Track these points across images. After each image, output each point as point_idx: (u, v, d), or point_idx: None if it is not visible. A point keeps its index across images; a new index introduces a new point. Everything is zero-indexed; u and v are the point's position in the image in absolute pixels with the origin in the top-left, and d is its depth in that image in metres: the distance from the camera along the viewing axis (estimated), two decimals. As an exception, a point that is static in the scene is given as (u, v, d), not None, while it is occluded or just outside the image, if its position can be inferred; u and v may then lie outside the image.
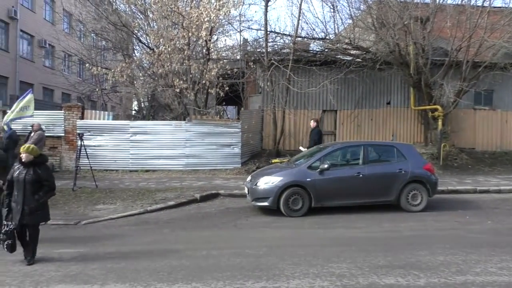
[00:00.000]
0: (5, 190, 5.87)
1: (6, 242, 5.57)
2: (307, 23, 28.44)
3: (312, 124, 12.76)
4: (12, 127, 12.49)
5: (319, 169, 8.95)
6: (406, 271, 5.30)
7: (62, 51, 24.49)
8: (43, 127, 13.03)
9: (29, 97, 12.61)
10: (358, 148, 9.71)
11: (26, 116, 12.63)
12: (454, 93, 14.88)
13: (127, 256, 6.10)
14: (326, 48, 17.07)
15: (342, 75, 15.66)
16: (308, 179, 8.91)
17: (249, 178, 9.84)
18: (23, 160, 5.75)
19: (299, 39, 16.60)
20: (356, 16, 16.60)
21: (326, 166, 8.94)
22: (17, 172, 5.77)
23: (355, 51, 16.61)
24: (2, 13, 23.10)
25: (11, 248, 5.60)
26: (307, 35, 16.89)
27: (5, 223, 5.68)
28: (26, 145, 5.89)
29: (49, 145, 14.04)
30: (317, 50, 17.61)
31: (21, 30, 25.00)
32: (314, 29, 16.79)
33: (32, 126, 12.75)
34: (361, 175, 9.07)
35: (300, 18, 15.63)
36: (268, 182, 8.99)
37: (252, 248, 6.41)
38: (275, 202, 8.80)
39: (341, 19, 18.76)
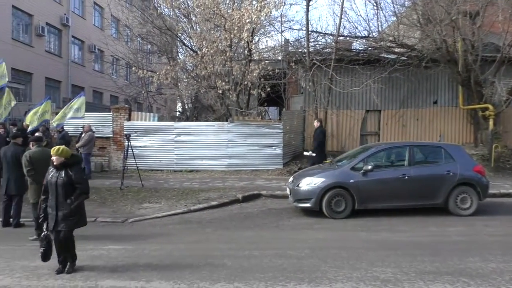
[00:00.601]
0: (42, 194, 5.58)
1: (40, 250, 5.33)
2: (349, 21, 28.07)
3: (316, 124, 12.57)
4: (64, 128, 13.16)
5: (362, 170, 8.77)
6: (455, 278, 5.08)
7: (110, 55, 25.49)
8: (93, 128, 13.64)
9: (81, 99, 13.23)
10: (403, 149, 9.43)
11: (77, 117, 13.24)
12: (506, 91, 14.10)
13: (171, 255, 6.25)
14: (369, 47, 16.71)
15: (386, 74, 15.26)
16: (351, 181, 8.75)
17: (291, 179, 9.81)
18: (54, 163, 5.42)
19: (341, 38, 16.36)
20: (401, 13, 16.15)
21: (370, 167, 8.75)
22: (50, 175, 5.45)
23: (399, 49, 16.15)
24: (56, 21, 24.39)
25: (44, 256, 5.32)
26: (350, 34, 16.65)
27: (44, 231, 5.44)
28: (56, 147, 5.53)
29: (99, 145, 14.65)
30: (360, 49, 17.27)
31: (73, 36, 26.30)
32: (356, 28, 16.57)
33: (83, 127, 13.38)
34: (406, 177, 8.80)
35: (342, 16, 15.47)
36: (310, 183, 8.92)
37: (294, 250, 6.39)
38: (317, 204, 8.72)
39: (385, 17, 18.42)
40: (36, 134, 8.86)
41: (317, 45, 16.62)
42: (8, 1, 20.30)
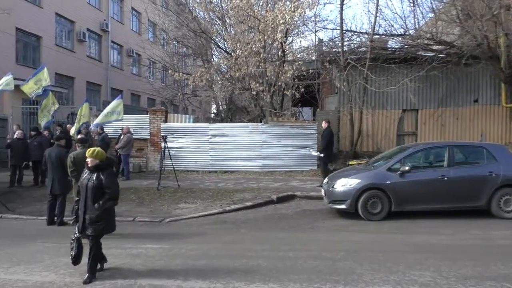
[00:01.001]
0: (76, 196, 5.55)
1: (71, 252, 5.23)
2: (384, 19, 27.59)
3: (324, 124, 12.24)
4: (104, 130, 13.61)
5: (399, 172, 8.59)
6: (499, 284, 4.89)
7: (147, 58, 26.24)
8: (131, 130, 14.03)
9: (118, 102, 13.64)
10: (442, 149, 9.16)
11: (116, 120, 13.66)
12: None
13: (207, 254, 6.35)
14: (406, 45, 16.30)
15: (424, 72, 14.82)
16: (387, 182, 8.59)
17: (325, 180, 9.73)
18: (88, 165, 5.31)
19: (377, 36, 16.08)
20: (439, 9, 15.66)
21: (407, 168, 8.55)
22: (83, 177, 5.38)
23: (437, 46, 15.67)
24: (96, 27, 25.31)
25: (74, 260, 5.21)
26: (385, 32, 16.32)
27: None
28: (92, 148, 5.42)
29: (137, 147, 15.05)
30: (396, 47, 16.88)
31: (112, 41, 27.22)
32: (392, 26, 16.30)
33: (121, 129, 13.80)
34: (445, 178, 8.54)
35: (378, 14, 15.19)
36: (345, 184, 8.81)
37: (329, 251, 6.34)
38: (353, 205, 8.61)
39: (422, 13, 17.91)
40: (79, 136, 9.22)
41: (352, 44, 16.41)
42: (52, 9, 21.25)
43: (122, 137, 13.60)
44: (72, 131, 13.23)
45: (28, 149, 12.24)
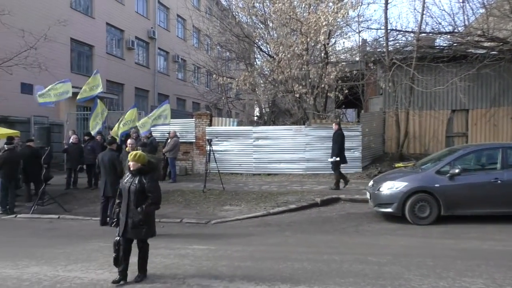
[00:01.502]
0: (116, 198, 5.56)
1: (113, 255, 5.34)
2: (432, 17, 26.49)
3: (335, 127, 11.95)
4: (152, 134, 14.09)
5: (449, 174, 8.31)
6: (558, 293, 4.65)
7: (192, 64, 26.91)
8: (177, 134, 14.45)
9: (165, 106, 14.08)
10: (495, 150, 8.77)
11: (163, 124, 14.10)
12: None
13: (252, 256, 6.46)
14: (455, 43, 15.68)
15: (475, 71, 14.19)
16: (436, 185, 8.33)
17: (371, 182, 9.58)
18: (131, 169, 5.30)
19: (423, 35, 15.59)
20: (490, 4, 14.97)
21: (457, 171, 8.26)
22: (125, 180, 5.38)
23: (489, 43, 14.95)
24: (144, 34, 26.30)
25: (114, 262, 5.33)
26: (433, 30, 15.76)
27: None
28: (134, 152, 5.43)
29: (183, 150, 15.47)
30: (444, 45, 16.29)
31: (159, 48, 28.16)
32: (440, 23, 15.54)
33: (168, 133, 14.25)
34: (499, 181, 8.17)
35: (424, 12, 14.69)
36: (391, 187, 8.63)
37: (375, 256, 6.26)
38: (400, 209, 8.41)
39: (472, 9, 17.12)
40: (129, 140, 9.62)
41: (397, 44, 16.01)
42: (103, 20, 22.32)
43: (169, 140, 14.03)
44: (113, 133, 13.63)
45: (83, 153, 12.93)
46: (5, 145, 10.66)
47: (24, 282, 5.44)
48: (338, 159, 11.63)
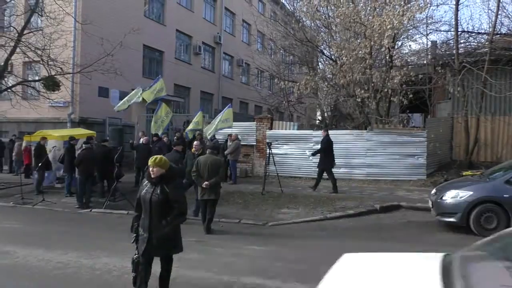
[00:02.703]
0: (135, 211, 4.86)
1: (132, 274, 4.75)
2: (508, 17, 24.80)
3: (323, 133, 12.58)
4: (215, 136, 14.64)
5: (520, 185, 7.84)
6: None
7: (255, 68, 27.44)
8: (239, 136, 14.86)
9: (229, 110, 14.56)
10: None
11: (226, 127, 14.58)
12: None
13: (306, 259, 6.55)
14: (534, 44, 14.62)
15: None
16: (505, 195, 7.87)
17: (433, 190, 9.25)
18: (152, 176, 4.55)
19: (498, 36, 14.67)
20: None
21: (529, 181, 7.77)
22: (144, 190, 4.63)
23: None
24: (210, 40, 27.29)
25: (133, 283, 4.69)
26: (509, 31, 14.79)
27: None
28: (154, 156, 4.67)
29: (244, 152, 15.86)
30: (522, 47, 15.21)
31: (224, 53, 29.02)
32: (517, 24, 14.61)
33: (230, 135, 14.67)
34: None
35: (499, 12, 13.87)
36: (455, 196, 8.29)
37: (433, 266, 6.09)
38: (464, 219, 8.05)
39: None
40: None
41: (468, 46, 15.22)
42: (173, 26, 23.50)
43: (229, 143, 14.45)
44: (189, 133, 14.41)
45: (151, 153, 13.73)
46: (83, 144, 11.67)
47: (96, 271, 5.99)
48: (311, 157, 12.50)
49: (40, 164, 12.22)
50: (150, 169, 4.55)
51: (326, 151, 12.25)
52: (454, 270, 2.89)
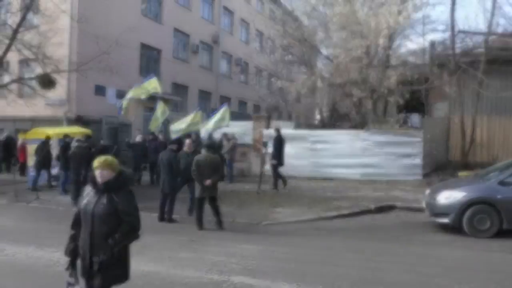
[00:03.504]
0: (71, 228, 3.68)
1: None
2: (504, 17, 24.85)
3: (274, 132, 13.13)
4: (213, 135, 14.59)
5: (513, 185, 7.82)
6: None
7: (254, 67, 27.40)
8: (235, 135, 14.81)
9: (225, 109, 14.52)
10: None
11: (222, 126, 14.53)
12: None
13: (298, 258, 6.54)
14: (531, 44, 14.61)
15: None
16: (498, 196, 7.86)
17: (427, 191, 9.23)
18: (98, 180, 3.55)
19: (494, 36, 14.65)
20: None
21: (523, 182, 7.75)
22: (85, 200, 3.61)
23: None
24: (208, 39, 27.23)
25: None
26: (505, 32, 14.77)
27: (68, 280, 3.59)
28: (102, 157, 3.69)
29: (240, 152, 15.81)
30: (518, 47, 15.19)
31: (222, 51, 28.97)
32: (514, 24, 14.60)
33: (225, 134, 14.61)
34: None
35: (495, 12, 13.83)
36: (449, 197, 8.27)
37: (425, 266, 6.08)
38: (457, 220, 8.02)
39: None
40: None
41: (465, 46, 15.18)
42: (171, 25, 23.45)
43: (225, 142, 14.39)
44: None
45: (147, 152, 13.70)
46: (76, 142, 11.63)
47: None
48: (275, 162, 12.56)
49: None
50: (97, 172, 3.54)
51: (277, 149, 12.62)
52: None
